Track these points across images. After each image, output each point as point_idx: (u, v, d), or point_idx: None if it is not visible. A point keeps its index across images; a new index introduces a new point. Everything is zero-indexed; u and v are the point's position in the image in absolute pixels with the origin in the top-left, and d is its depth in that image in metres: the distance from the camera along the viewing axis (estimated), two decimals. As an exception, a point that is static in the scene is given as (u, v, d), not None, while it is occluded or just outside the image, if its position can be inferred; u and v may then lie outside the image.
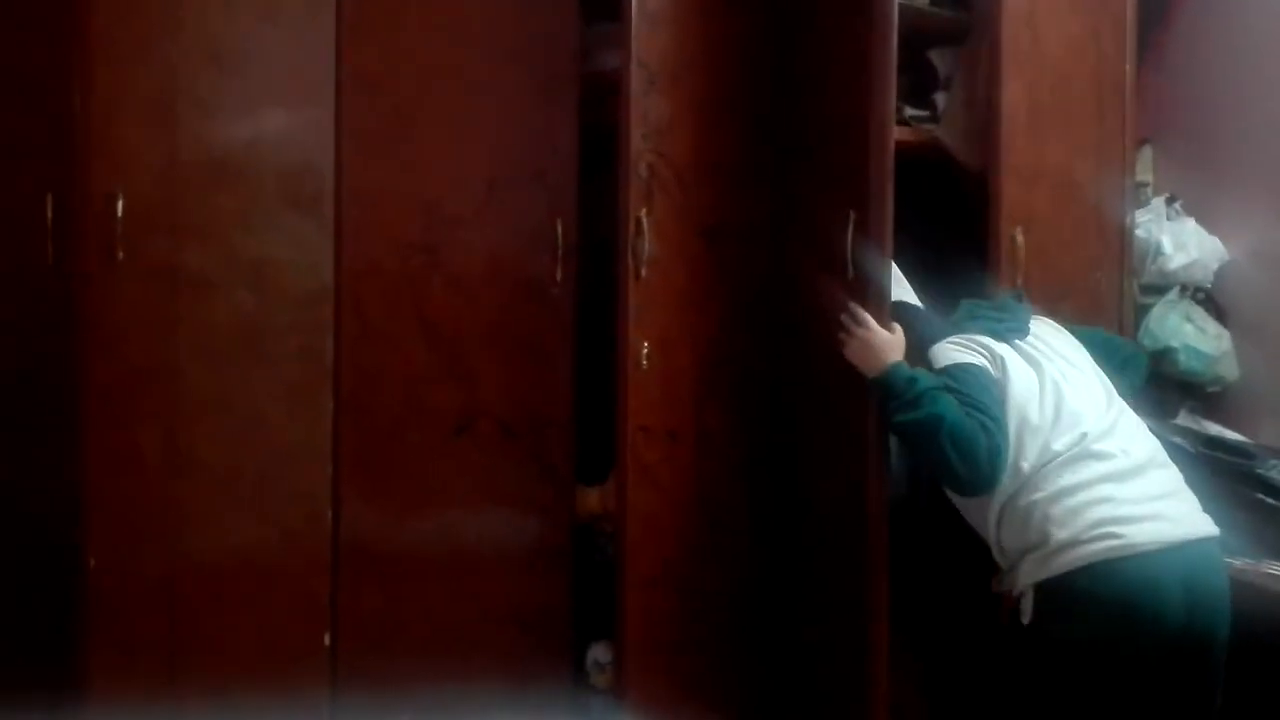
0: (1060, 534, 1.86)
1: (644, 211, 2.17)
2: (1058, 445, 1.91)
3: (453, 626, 2.28)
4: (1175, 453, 2.21)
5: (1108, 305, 2.55)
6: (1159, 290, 2.71)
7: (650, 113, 2.18)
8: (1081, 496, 1.88)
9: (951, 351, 2.02)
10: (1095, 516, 1.86)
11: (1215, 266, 2.71)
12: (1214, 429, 2.57)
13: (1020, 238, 2.38)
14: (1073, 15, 2.48)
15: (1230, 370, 2.67)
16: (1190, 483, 1.98)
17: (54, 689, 2.04)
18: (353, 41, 2.21)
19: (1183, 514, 1.91)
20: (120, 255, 2.08)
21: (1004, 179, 2.36)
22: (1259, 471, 2.18)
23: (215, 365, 2.15)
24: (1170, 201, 2.76)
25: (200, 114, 2.15)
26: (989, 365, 1.98)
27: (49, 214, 2.09)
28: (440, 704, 1.89)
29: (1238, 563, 2.08)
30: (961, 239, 2.48)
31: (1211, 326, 2.68)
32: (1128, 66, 2.56)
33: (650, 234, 2.17)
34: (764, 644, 2.29)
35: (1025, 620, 1.89)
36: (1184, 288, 2.70)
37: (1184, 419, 2.66)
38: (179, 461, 2.13)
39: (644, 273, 2.17)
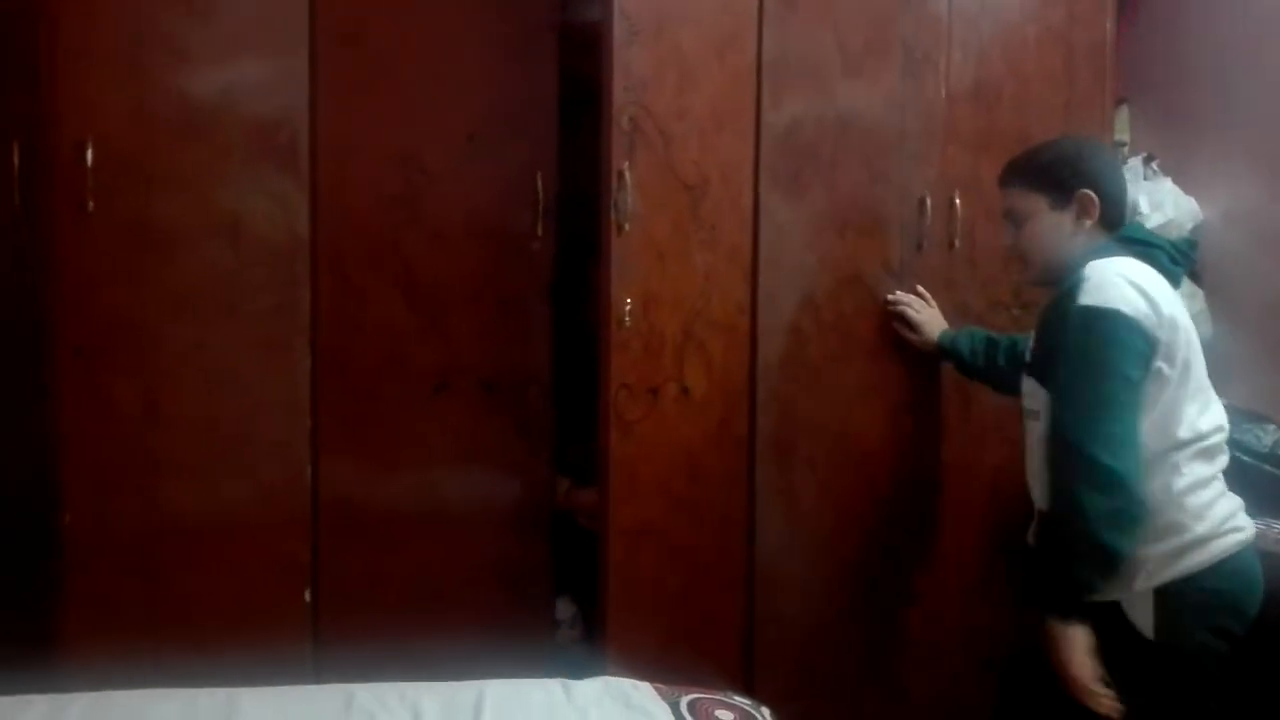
0: (1199, 527, 1.74)
1: (626, 165, 2.14)
2: (1204, 424, 1.79)
3: (433, 582, 2.27)
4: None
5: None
6: (1134, 249, 2.72)
7: (633, 64, 2.15)
8: (1216, 487, 1.79)
9: (1116, 284, 1.73)
10: (1228, 508, 1.79)
11: (1190, 226, 2.72)
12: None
13: (959, 201, 2.40)
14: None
15: (1203, 329, 2.68)
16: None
17: (29, 645, 2.02)
18: (327, -12, 2.17)
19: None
20: (91, 205, 2.04)
21: (946, 146, 2.39)
22: (1234, 435, 2.19)
23: (190, 319, 2.12)
24: (1147, 161, 2.78)
25: (172, 61, 2.10)
26: (1152, 317, 1.72)
27: (15, 161, 2.04)
28: (421, 659, 1.88)
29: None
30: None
31: (1185, 286, 2.70)
32: (1109, 24, 2.55)
33: (633, 188, 2.14)
34: (746, 597, 2.29)
35: (1150, 634, 1.73)
36: (1159, 247, 2.72)
37: (1156, 378, 2.69)
38: (154, 416, 2.10)
39: (626, 228, 2.14)
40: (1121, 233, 1.89)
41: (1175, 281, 1.86)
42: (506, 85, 2.29)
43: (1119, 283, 1.73)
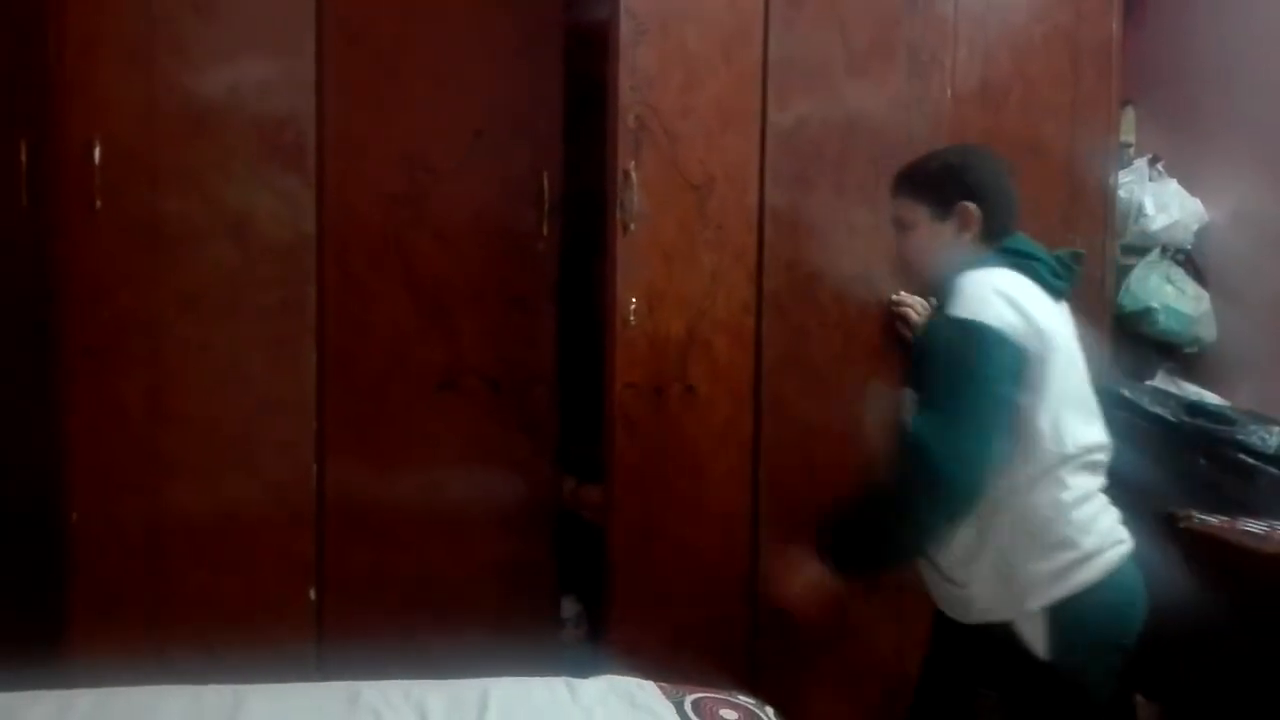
0: (1087, 541, 1.70)
1: (632, 164, 2.14)
2: (1088, 438, 1.74)
3: (437, 580, 2.28)
4: (1155, 422, 2.25)
5: (1085, 265, 2.55)
6: (1140, 251, 2.72)
7: (639, 63, 2.15)
8: (1100, 501, 1.76)
9: (985, 297, 1.70)
10: (1111, 521, 1.75)
11: (1195, 228, 2.73)
12: (1191, 390, 2.60)
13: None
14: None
15: (1208, 331, 2.70)
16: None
17: (37, 642, 2.03)
18: (334, -12, 2.17)
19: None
20: (98, 203, 2.04)
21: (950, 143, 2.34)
22: (1239, 437, 2.20)
23: (196, 317, 2.12)
24: (1153, 162, 2.77)
25: (179, 61, 2.11)
26: (1021, 330, 1.67)
27: (23, 159, 2.04)
28: (425, 657, 1.89)
29: (1216, 521, 2.12)
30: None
31: (1190, 288, 2.71)
32: (1115, 25, 2.55)
33: (638, 187, 2.14)
34: (750, 596, 2.30)
35: (1042, 654, 1.69)
36: (1164, 249, 2.72)
37: (1161, 380, 2.69)
38: (161, 414, 2.11)
39: (632, 227, 2.15)
40: (1004, 244, 1.82)
41: (1057, 295, 1.80)
42: (512, 84, 2.29)
43: (989, 295, 1.69)
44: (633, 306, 2.15)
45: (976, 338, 1.67)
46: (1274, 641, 1.94)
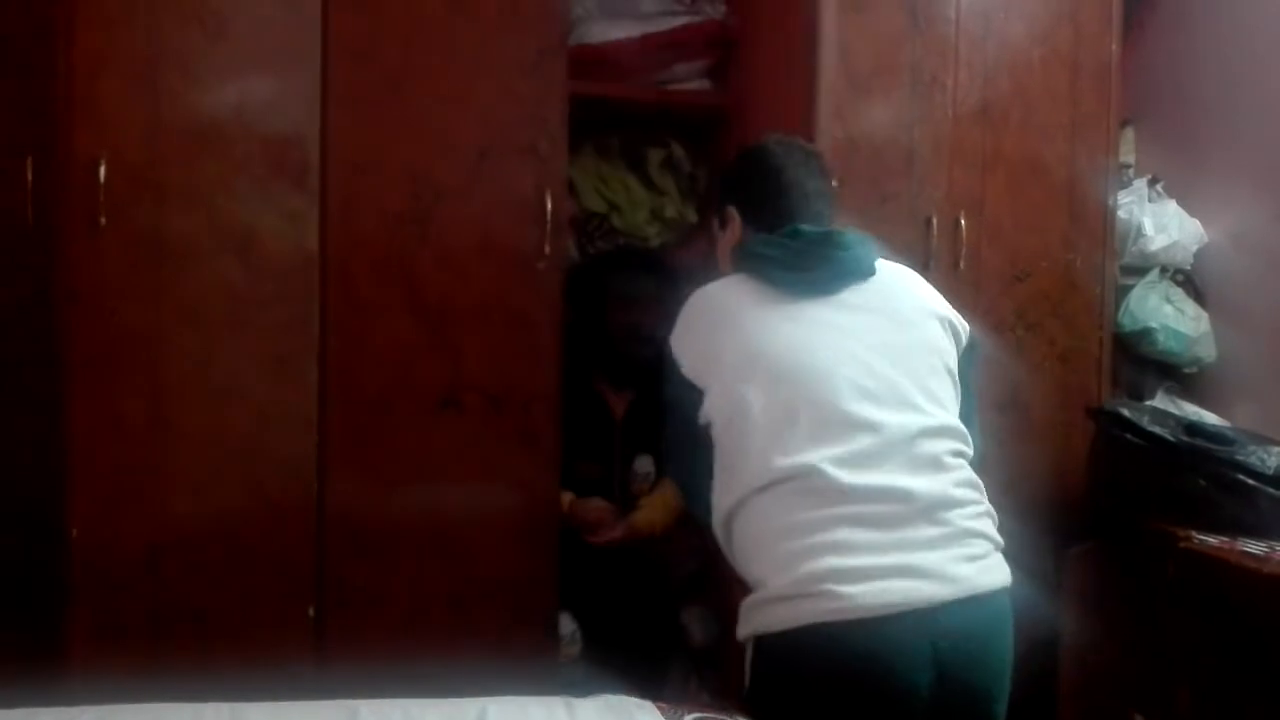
0: (778, 580, 1.49)
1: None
2: (806, 458, 1.50)
3: (437, 598, 2.27)
4: (1154, 441, 2.25)
5: (1084, 286, 2.57)
6: (1139, 271, 2.73)
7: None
8: (817, 538, 1.48)
9: (679, 317, 1.66)
10: (821, 567, 1.47)
11: (1195, 248, 2.74)
12: (1191, 410, 2.61)
13: (964, 221, 2.41)
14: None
15: (1208, 351, 2.71)
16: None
17: (37, 659, 2.03)
18: (339, 6, 2.18)
19: (949, 569, 1.51)
20: (103, 221, 2.05)
21: (952, 167, 2.41)
22: (1239, 457, 2.20)
23: (200, 334, 2.13)
24: (1152, 183, 2.79)
25: (184, 79, 2.12)
26: (689, 353, 1.61)
27: (29, 178, 2.06)
28: (424, 675, 1.89)
29: (1215, 541, 2.12)
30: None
31: (1190, 308, 2.72)
32: (1114, 46, 2.56)
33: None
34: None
35: (747, 683, 1.57)
36: (1164, 269, 2.73)
37: (1161, 400, 2.70)
38: (163, 431, 2.11)
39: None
40: (754, 244, 1.69)
41: (816, 288, 1.63)
42: (516, 104, 2.29)
43: (681, 315, 1.66)
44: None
45: (667, 362, 1.65)
46: (1274, 661, 1.94)
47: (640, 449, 2.51)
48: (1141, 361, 2.73)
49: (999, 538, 1.66)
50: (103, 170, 2.04)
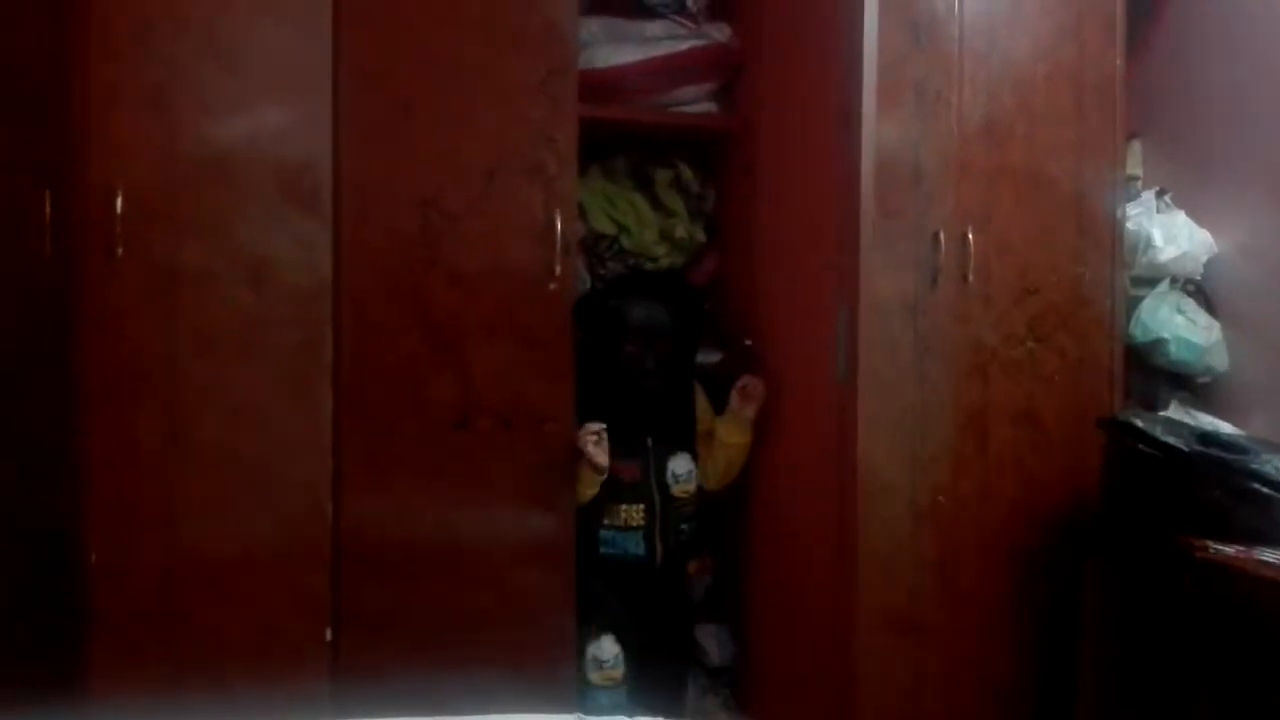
0: None
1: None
2: None
3: (454, 620, 2.27)
4: (1168, 452, 2.25)
5: (1094, 298, 2.58)
6: (1150, 282, 2.73)
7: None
8: None
9: None
10: None
11: (1205, 258, 2.74)
12: (1205, 419, 2.60)
13: (972, 236, 2.42)
14: (1042, 16, 2.51)
15: (1220, 361, 2.70)
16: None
17: (55, 684, 2.04)
18: (350, 34, 2.21)
19: None
20: (119, 251, 2.08)
21: (959, 182, 2.42)
22: (1253, 466, 2.20)
23: (215, 360, 2.15)
24: (1160, 194, 2.79)
25: (198, 108, 2.14)
26: None
27: (47, 209, 2.08)
28: (441, 697, 1.89)
29: (1231, 550, 2.11)
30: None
31: (1202, 318, 2.71)
32: (1119, 61, 2.58)
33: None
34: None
35: None
36: (1174, 280, 2.73)
37: (1174, 410, 2.69)
38: (180, 457, 2.12)
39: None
40: None
41: None
42: (525, 126, 2.30)
43: None
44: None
45: None
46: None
47: (676, 448, 2.51)
48: (1154, 372, 2.72)
49: None
50: (119, 200, 2.07)
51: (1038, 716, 2.51)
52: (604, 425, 2.33)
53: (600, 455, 2.31)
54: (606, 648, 2.41)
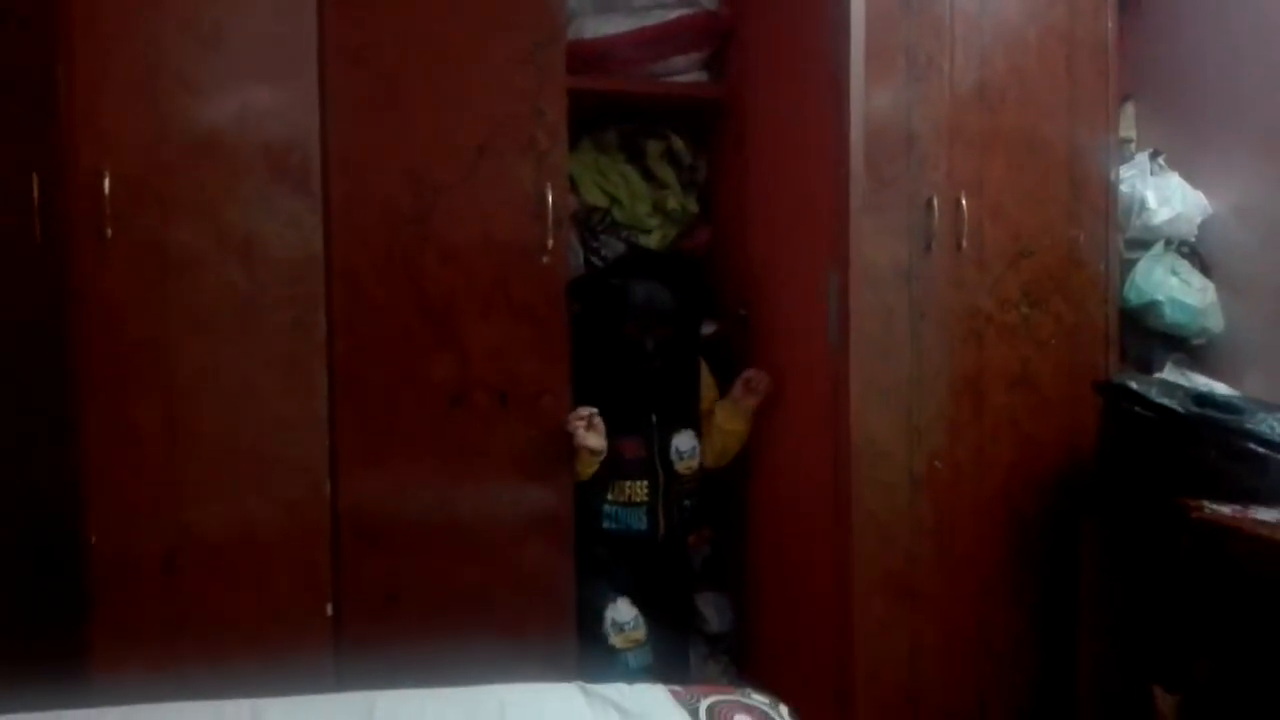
0: None
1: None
2: None
3: (454, 593, 2.29)
4: (1163, 413, 2.26)
5: (1088, 261, 2.58)
6: (1144, 244, 2.73)
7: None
8: None
9: None
10: None
11: (1199, 220, 2.74)
12: (1200, 381, 2.61)
13: (965, 201, 2.42)
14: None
15: (1215, 322, 2.70)
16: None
17: (58, 664, 2.05)
18: (335, 10, 2.20)
19: None
20: (109, 233, 2.08)
21: (951, 147, 2.41)
22: (1249, 426, 2.20)
23: (208, 340, 2.15)
24: (1154, 156, 2.78)
25: (184, 89, 2.14)
26: None
27: (35, 193, 2.08)
28: (443, 670, 1.90)
29: (1227, 510, 2.12)
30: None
31: (1196, 279, 2.71)
32: (1110, 22, 2.56)
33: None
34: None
35: None
36: (1168, 241, 2.73)
37: (1170, 372, 2.69)
38: (176, 437, 2.13)
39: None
40: None
41: None
42: (515, 101, 2.30)
43: None
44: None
45: None
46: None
47: (680, 425, 2.51)
48: (1149, 334, 2.73)
49: None
50: (107, 183, 2.06)
51: (1037, 678, 2.53)
52: (594, 410, 2.30)
53: (591, 439, 2.30)
54: (624, 610, 2.41)
